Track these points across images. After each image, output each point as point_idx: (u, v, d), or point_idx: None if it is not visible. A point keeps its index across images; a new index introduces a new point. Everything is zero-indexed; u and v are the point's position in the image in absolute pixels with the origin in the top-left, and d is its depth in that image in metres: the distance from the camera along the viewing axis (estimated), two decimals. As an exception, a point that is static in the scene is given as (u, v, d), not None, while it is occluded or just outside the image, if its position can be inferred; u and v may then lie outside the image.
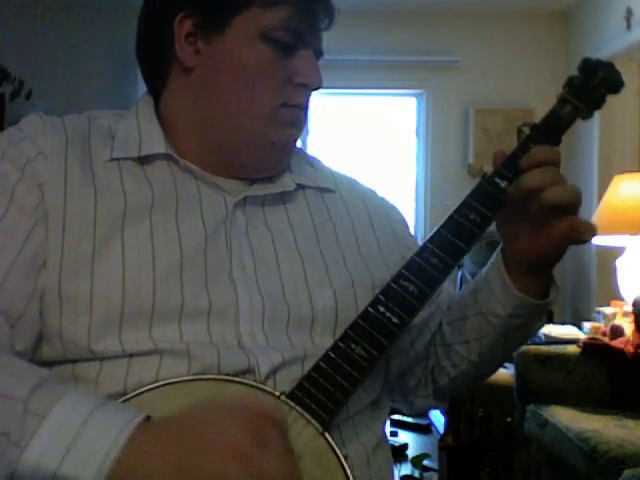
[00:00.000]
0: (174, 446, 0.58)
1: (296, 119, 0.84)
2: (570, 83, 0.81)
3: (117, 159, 0.80)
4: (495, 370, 0.96)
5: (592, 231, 0.76)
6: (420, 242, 0.80)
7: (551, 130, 0.80)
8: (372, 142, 4.67)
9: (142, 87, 0.90)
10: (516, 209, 0.78)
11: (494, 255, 0.85)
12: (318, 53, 0.85)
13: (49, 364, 0.73)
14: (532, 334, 0.89)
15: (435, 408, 1.02)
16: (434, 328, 0.93)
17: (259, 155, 0.83)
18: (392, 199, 1.00)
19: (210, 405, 0.62)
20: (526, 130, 0.80)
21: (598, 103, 0.82)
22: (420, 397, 0.97)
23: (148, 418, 0.61)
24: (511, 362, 2.70)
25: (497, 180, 0.78)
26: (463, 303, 0.90)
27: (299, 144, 0.91)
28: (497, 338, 0.86)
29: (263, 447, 0.58)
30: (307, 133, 4.51)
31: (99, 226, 0.74)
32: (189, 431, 0.59)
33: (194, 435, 0.58)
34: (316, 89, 0.83)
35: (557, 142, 0.80)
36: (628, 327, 2.67)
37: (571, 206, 0.75)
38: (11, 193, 0.74)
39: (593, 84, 0.81)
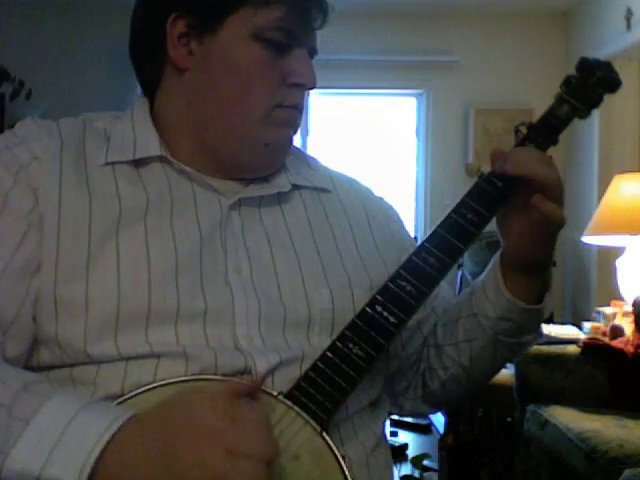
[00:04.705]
0: (151, 438, 0.59)
1: (291, 119, 0.83)
2: (567, 83, 0.82)
3: (112, 163, 0.80)
4: (486, 380, 0.94)
5: (553, 219, 0.76)
6: (419, 242, 0.80)
7: (548, 130, 0.80)
8: (372, 142, 4.66)
9: (141, 87, 0.90)
10: (513, 205, 0.79)
11: (494, 256, 0.85)
12: (312, 52, 0.85)
13: (48, 368, 0.73)
14: (524, 345, 0.88)
15: (424, 413, 1.01)
16: (427, 331, 0.93)
17: (253, 156, 0.83)
18: (392, 199, 1.00)
19: (185, 394, 0.62)
20: (523, 130, 0.80)
21: (596, 102, 0.82)
22: (409, 400, 0.97)
23: (134, 417, 0.61)
24: (511, 362, 2.69)
25: (494, 179, 0.78)
26: (459, 304, 0.90)
27: (299, 144, 0.91)
28: (487, 342, 0.86)
29: (234, 423, 0.58)
30: (307, 133, 4.51)
31: (94, 230, 0.74)
32: (164, 422, 0.60)
33: (168, 425, 0.59)
34: (310, 89, 0.83)
35: (555, 142, 0.80)
36: (628, 327, 2.67)
37: (543, 186, 0.75)
38: (4, 199, 0.74)
39: (591, 83, 0.81)
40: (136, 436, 0.59)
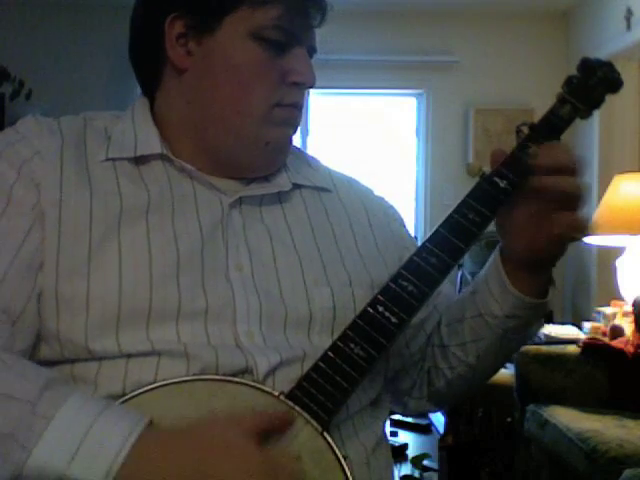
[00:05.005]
0: (178, 452, 0.59)
1: (291, 118, 0.83)
2: (569, 83, 0.81)
3: (113, 159, 0.80)
4: (493, 374, 0.95)
5: (585, 228, 0.77)
6: (420, 242, 0.80)
7: (550, 130, 0.80)
8: (372, 142, 4.67)
9: (141, 87, 0.90)
10: (518, 204, 0.79)
11: (492, 255, 0.85)
12: (311, 50, 0.85)
13: (48, 364, 0.73)
14: (529, 337, 0.89)
15: (429, 412, 1.03)
16: (430, 330, 0.93)
17: (254, 155, 0.83)
18: (392, 199, 1.00)
19: (214, 420, 0.64)
20: (525, 130, 0.79)
21: (597, 103, 0.81)
22: (414, 399, 0.97)
23: (151, 422, 0.62)
24: (511, 362, 2.69)
25: (496, 180, 0.78)
26: (462, 304, 0.90)
27: (299, 144, 0.91)
28: (494, 340, 0.86)
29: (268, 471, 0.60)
30: (307, 133, 4.51)
31: (95, 227, 0.74)
32: (194, 441, 0.61)
33: (199, 445, 0.60)
34: (310, 87, 0.83)
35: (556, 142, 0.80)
36: (628, 327, 2.67)
37: (573, 199, 0.76)
38: (8, 193, 0.74)
39: (592, 84, 0.81)
40: (160, 444, 0.60)
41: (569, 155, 0.77)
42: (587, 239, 3.10)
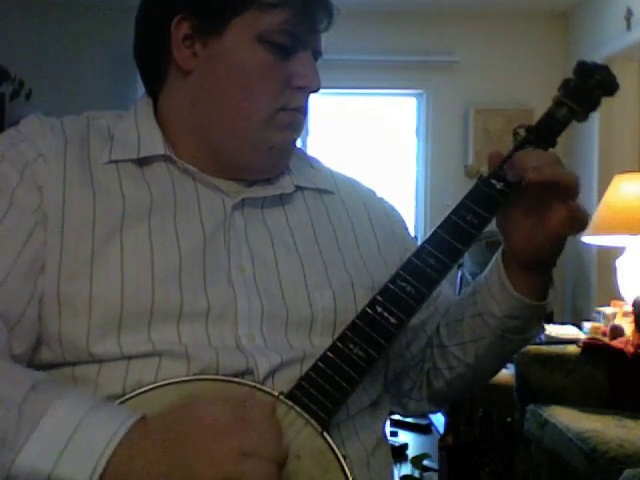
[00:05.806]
0: (162, 439, 0.58)
1: (295, 122, 0.83)
2: (566, 85, 0.82)
3: (115, 161, 0.80)
4: (492, 375, 0.95)
5: (584, 220, 0.77)
6: (420, 243, 0.80)
7: (546, 132, 0.80)
8: (372, 142, 4.67)
9: (142, 87, 0.89)
10: (515, 204, 0.79)
11: (495, 256, 0.86)
12: (317, 54, 0.85)
13: (48, 367, 0.73)
14: (529, 339, 0.89)
15: (429, 413, 1.02)
16: (430, 331, 0.93)
17: (257, 158, 0.83)
18: (392, 199, 1.00)
19: (195, 397, 0.62)
20: (522, 132, 0.80)
21: (593, 105, 0.82)
22: (414, 400, 0.97)
23: (143, 418, 0.61)
24: (511, 362, 2.70)
25: (493, 181, 0.78)
26: (461, 305, 0.90)
27: (299, 144, 0.91)
28: (494, 340, 0.86)
29: (246, 424, 0.58)
30: (307, 133, 4.51)
31: (98, 228, 0.74)
32: (175, 423, 0.59)
33: (179, 425, 0.58)
34: (314, 91, 0.83)
35: (553, 144, 0.80)
36: (628, 327, 2.67)
37: (567, 188, 0.75)
38: (11, 195, 0.74)
39: (589, 86, 0.81)
40: (146, 437, 0.59)
41: (553, 155, 0.78)
42: (587, 239, 3.11)
